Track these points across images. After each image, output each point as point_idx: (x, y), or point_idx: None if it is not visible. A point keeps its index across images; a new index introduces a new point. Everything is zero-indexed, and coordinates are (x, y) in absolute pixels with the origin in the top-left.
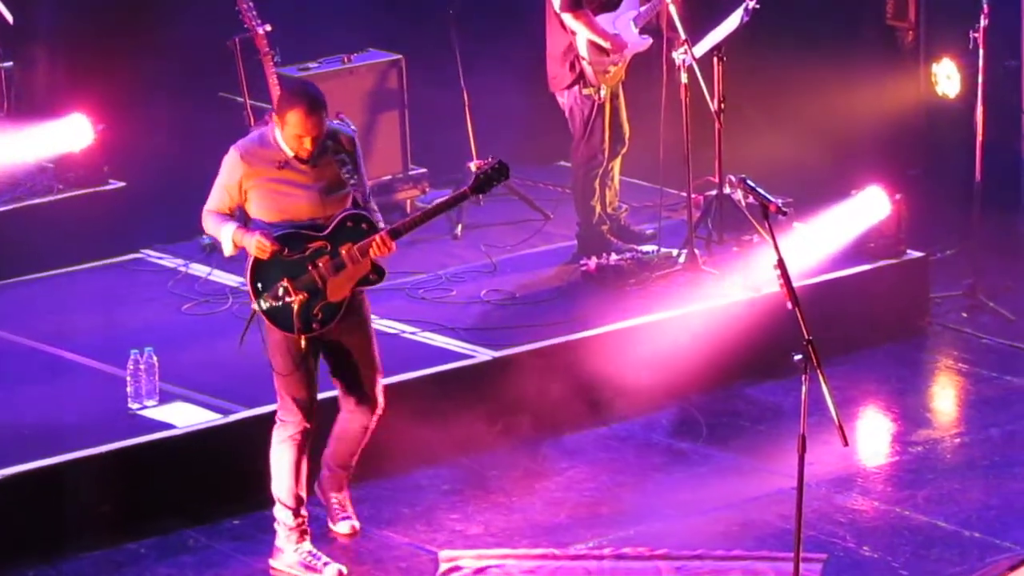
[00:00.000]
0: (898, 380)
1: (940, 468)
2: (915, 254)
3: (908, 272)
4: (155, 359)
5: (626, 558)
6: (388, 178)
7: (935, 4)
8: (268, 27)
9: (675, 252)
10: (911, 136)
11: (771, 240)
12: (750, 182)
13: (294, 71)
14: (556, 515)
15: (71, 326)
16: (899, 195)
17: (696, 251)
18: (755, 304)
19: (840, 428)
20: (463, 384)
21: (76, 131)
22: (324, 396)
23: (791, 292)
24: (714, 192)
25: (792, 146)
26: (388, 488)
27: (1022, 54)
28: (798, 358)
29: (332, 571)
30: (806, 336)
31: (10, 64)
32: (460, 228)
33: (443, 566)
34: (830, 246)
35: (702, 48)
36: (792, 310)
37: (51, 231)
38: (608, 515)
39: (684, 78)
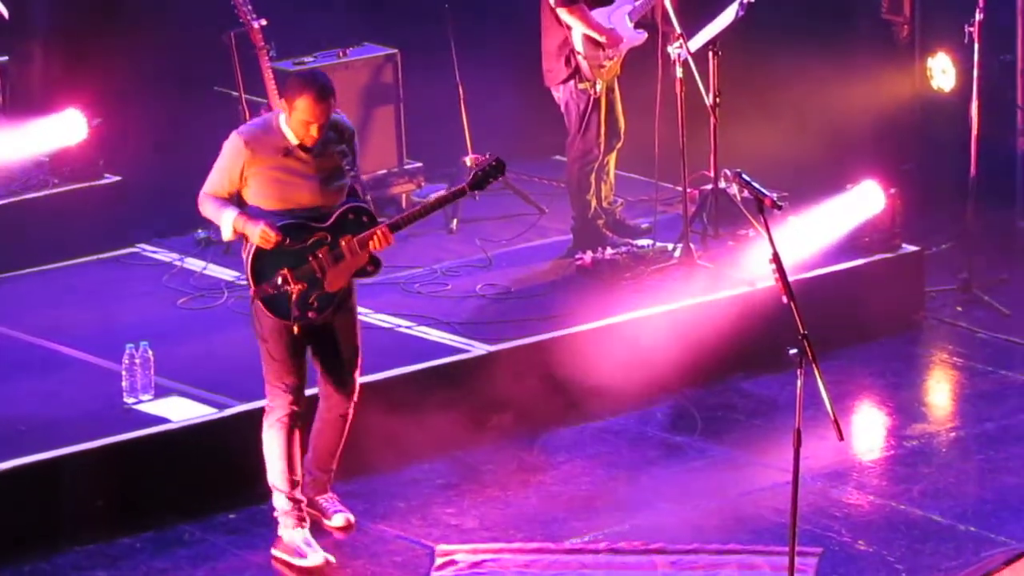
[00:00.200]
0: (893, 374)
1: (935, 462)
2: (910, 248)
3: (903, 266)
4: (150, 353)
5: (621, 552)
6: (383, 172)
7: None
8: (263, 21)
9: (670, 246)
10: (906, 130)
11: (766, 234)
12: (745, 176)
13: (289, 65)
14: (551, 509)
15: (66, 320)
16: (894, 189)
17: (691, 245)
18: (750, 298)
19: (835, 422)
20: (458, 378)
21: (71, 126)
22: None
23: (786, 286)
24: (709, 186)
25: (787, 140)
26: (383, 483)
27: (1017, 48)
28: (793, 352)
29: (318, 558)
30: (801, 330)
31: (5, 59)
32: (455, 222)
33: (438, 560)
34: (825, 240)
35: (697, 43)
36: (787, 304)
37: (46, 225)
38: (603, 509)
39: (679, 72)
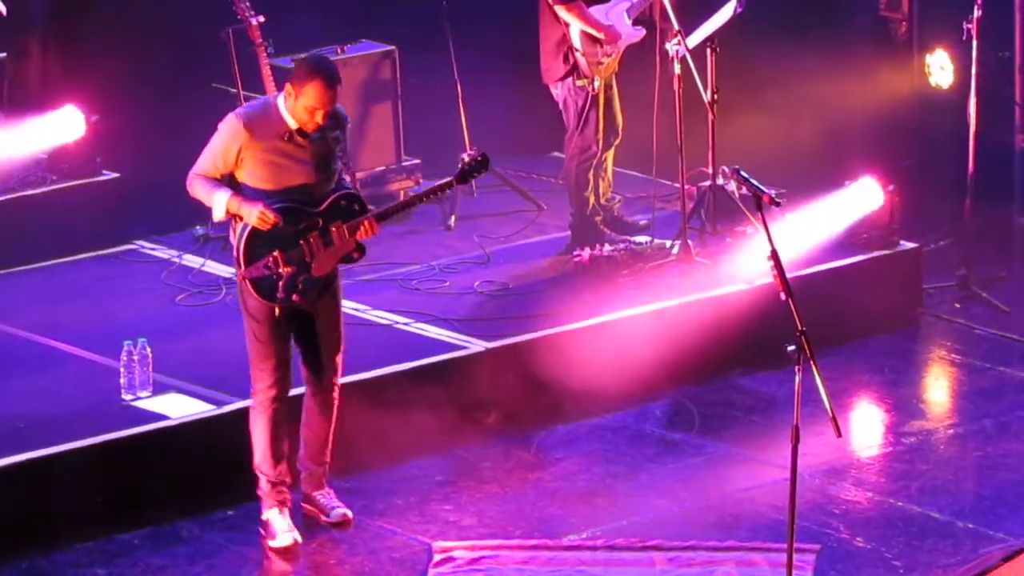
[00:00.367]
0: (891, 371)
1: (933, 459)
2: (908, 245)
3: (901, 263)
4: (148, 350)
5: (619, 549)
6: (381, 169)
7: None
8: (261, 18)
9: (668, 243)
10: (904, 127)
11: (764, 231)
12: (743, 173)
13: (287, 62)
14: (549, 506)
15: (65, 317)
16: (892, 186)
17: (689, 242)
18: (748, 295)
19: (833, 419)
20: (456, 375)
21: (69, 123)
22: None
23: (784, 283)
24: (708, 183)
25: (785, 137)
26: (381, 479)
27: (1015, 45)
28: (791, 349)
29: (286, 539)
30: (799, 327)
31: (3, 56)
32: (454, 219)
33: (437, 557)
34: (823, 237)
35: (695, 39)
36: (785, 301)
37: (44, 222)
38: (601, 505)
39: (678, 69)
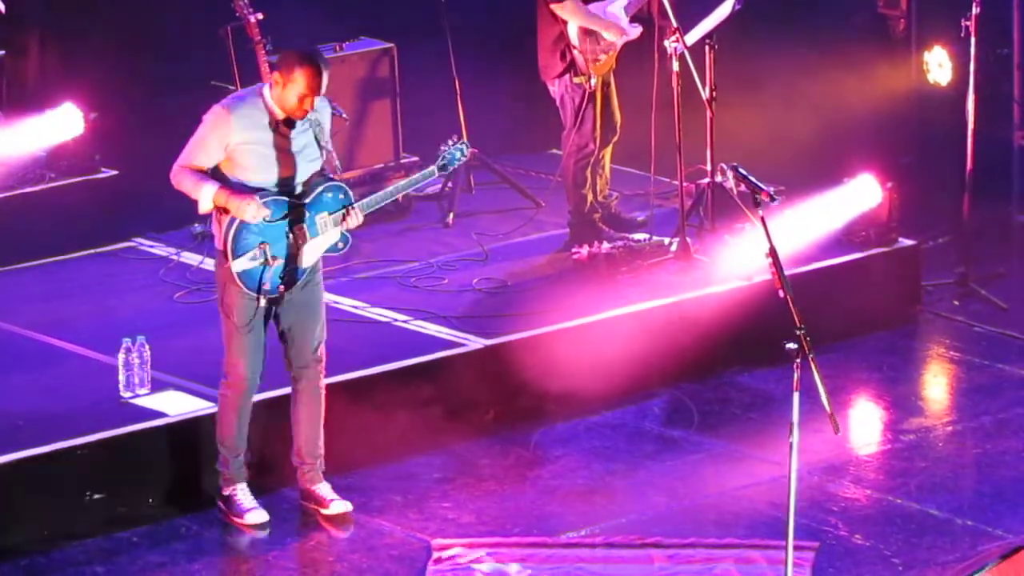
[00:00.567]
0: (890, 368)
1: (932, 456)
2: (907, 242)
3: (900, 260)
4: (147, 347)
5: (618, 546)
6: (380, 166)
7: None
8: (260, 15)
9: (667, 240)
10: (903, 124)
11: (763, 228)
12: (742, 170)
13: None
14: (548, 503)
15: (63, 314)
16: (891, 183)
17: (688, 239)
18: (747, 292)
19: (832, 416)
20: (454, 372)
21: (68, 120)
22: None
23: (783, 280)
24: (706, 180)
25: (784, 134)
26: (379, 476)
27: (1014, 42)
28: (790, 346)
29: (260, 515)
30: (798, 324)
31: (2, 53)
32: (452, 216)
33: (435, 554)
34: (822, 234)
35: (694, 36)
36: (784, 298)
37: (43, 219)
38: (600, 503)
39: (676, 66)
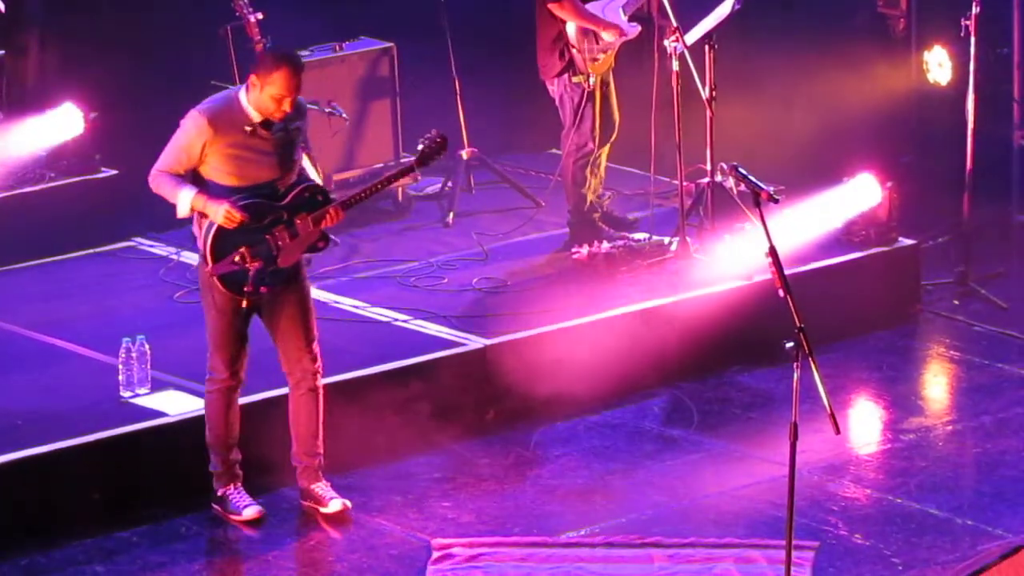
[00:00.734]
0: (889, 368)
1: (932, 456)
2: (906, 241)
3: (899, 259)
4: (147, 347)
5: (618, 545)
6: (380, 166)
7: None
8: (260, 15)
9: (667, 240)
10: (902, 124)
11: (763, 228)
12: (742, 170)
13: None
14: (548, 503)
15: (63, 314)
16: (890, 183)
17: (688, 239)
18: (747, 291)
19: (832, 416)
20: (454, 372)
21: (68, 120)
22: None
23: (783, 279)
24: (706, 180)
25: (784, 134)
26: (379, 476)
27: (1014, 41)
28: (790, 346)
29: (254, 511)
30: (797, 323)
31: (2, 53)
32: (452, 216)
33: (435, 554)
34: (821, 234)
35: (694, 36)
36: (784, 297)
37: (43, 219)
38: (600, 502)
39: (676, 66)
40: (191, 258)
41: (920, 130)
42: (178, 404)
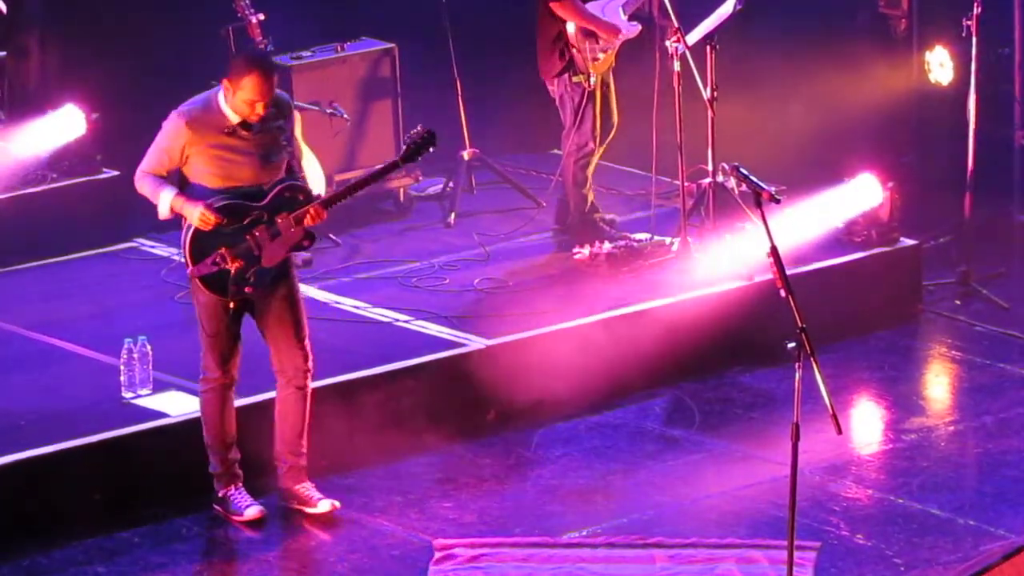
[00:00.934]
0: (891, 368)
1: (933, 456)
2: (908, 242)
3: (901, 260)
4: (149, 347)
5: (619, 546)
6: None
7: None
8: (261, 16)
9: (668, 240)
10: (904, 124)
11: (764, 228)
12: (743, 170)
13: (287, 59)
14: (549, 503)
15: (65, 315)
16: (892, 183)
17: (689, 239)
18: (748, 291)
19: (833, 416)
20: (456, 372)
21: (69, 121)
22: (271, 396)
23: (784, 280)
24: (707, 180)
25: (785, 134)
26: (381, 476)
27: (1015, 41)
28: (791, 346)
29: (255, 511)
30: (799, 324)
31: (3, 54)
32: (453, 216)
33: (437, 554)
34: (823, 234)
35: (695, 36)
36: (785, 298)
37: (45, 220)
38: (601, 503)
39: (677, 66)
40: None
41: (921, 130)
42: (179, 405)
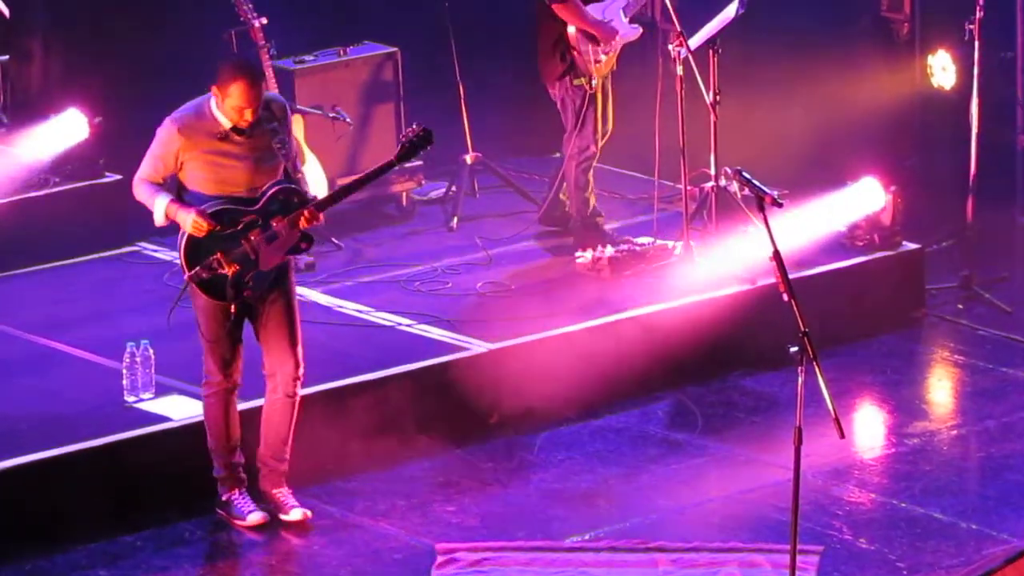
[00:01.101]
0: (894, 372)
1: (936, 460)
2: (910, 246)
3: (903, 264)
4: (151, 352)
5: (622, 550)
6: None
7: None
8: (264, 20)
9: (671, 244)
10: (906, 128)
11: (767, 232)
12: (745, 174)
13: (290, 63)
14: (552, 507)
15: (67, 319)
16: (894, 187)
17: (692, 243)
18: (750, 295)
19: (836, 420)
20: (459, 376)
21: (72, 125)
22: (262, 403)
23: (787, 283)
24: (710, 184)
25: (788, 138)
26: (383, 480)
27: (1018, 45)
28: (794, 350)
29: (259, 516)
30: (802, 327)
31: (6, 58)
32: (456, 220)
33: (439, 558)
34: (825, 238)
35: (697, 40)
36: (788, 301)
37: (47, 224)
38: (604, 507)
39: (679, 70)
40: None
41: (924, 134)
42: (182, 409)
